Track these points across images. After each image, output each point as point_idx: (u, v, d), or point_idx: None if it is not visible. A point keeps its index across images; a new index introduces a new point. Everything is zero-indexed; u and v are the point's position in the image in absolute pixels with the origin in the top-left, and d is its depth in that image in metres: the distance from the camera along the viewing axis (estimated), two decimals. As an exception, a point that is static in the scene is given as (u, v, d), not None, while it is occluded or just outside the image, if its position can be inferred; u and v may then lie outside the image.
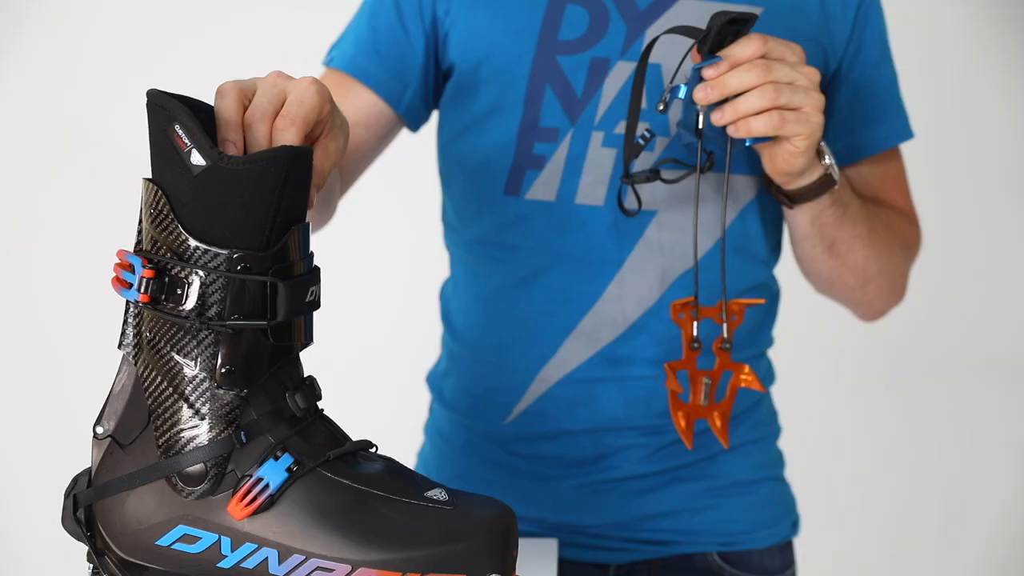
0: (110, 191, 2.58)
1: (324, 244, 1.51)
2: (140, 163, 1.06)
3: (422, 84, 1.47)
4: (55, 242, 2.69)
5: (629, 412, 1.46)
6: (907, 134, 1.54)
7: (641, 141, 1.33)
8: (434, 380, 1.58)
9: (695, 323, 1.33)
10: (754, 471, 1.52)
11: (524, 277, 1.45)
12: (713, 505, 1.50)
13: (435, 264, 1.65)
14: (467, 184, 1.48)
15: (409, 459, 1.59)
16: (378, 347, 2.63)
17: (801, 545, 1.61)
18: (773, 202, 1.46)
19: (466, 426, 1.53)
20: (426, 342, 1.71)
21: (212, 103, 1.02)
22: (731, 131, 1.25)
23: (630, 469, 1.47)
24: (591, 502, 1.48)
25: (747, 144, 1.27)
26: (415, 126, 1.52)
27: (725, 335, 1.34)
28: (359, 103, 1.47)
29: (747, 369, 1.36)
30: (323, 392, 1.04)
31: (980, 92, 2.64)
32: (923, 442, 2.75)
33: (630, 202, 1.38)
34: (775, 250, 1.53)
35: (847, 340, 2.58)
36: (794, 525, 1.58)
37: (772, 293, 1.54)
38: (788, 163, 1.29)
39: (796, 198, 1.37)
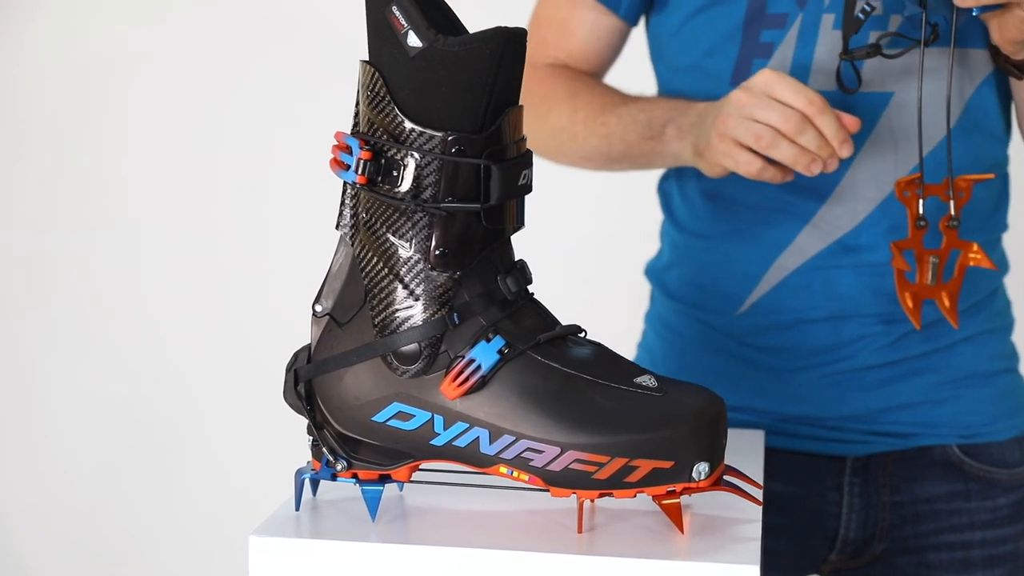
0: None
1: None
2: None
3: None
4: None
5: (867, 299, 1.42)
6: None
7: (861, 16, 1.29)
8: (655, 272, 1.56)
9: (920, 200, 1.32)
10: (991, 362, 1.48)
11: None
12: (953, 397, 1.46)
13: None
14: (690, 77, 1.45)
15: (620, 347, 1.59)
16: (588, 235, 2.61)
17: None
18: (1006, 76, 1.40)
19: (695, 318, 1.51)
20: (637, 230, 1.69)
21: None
22: (957, 0, 1.21)
23: (868, 359, 1.44)
24: (829, 393, 1.46)
25: (974, 13, 1.23)
26: (637, 22, 1.52)
27: (952, 212, 1.33)
28: (589, 17, 1.48)
29: (976, 247, 1.34)
30: (534, 280, 1.05)
31: None
32: None
33: (850, 80, 1.34)
34: (1008, 127, 1.47)
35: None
36: None
37: (1007, 173, 1.48)
38: (1021, 30, 1.24)
39: None
